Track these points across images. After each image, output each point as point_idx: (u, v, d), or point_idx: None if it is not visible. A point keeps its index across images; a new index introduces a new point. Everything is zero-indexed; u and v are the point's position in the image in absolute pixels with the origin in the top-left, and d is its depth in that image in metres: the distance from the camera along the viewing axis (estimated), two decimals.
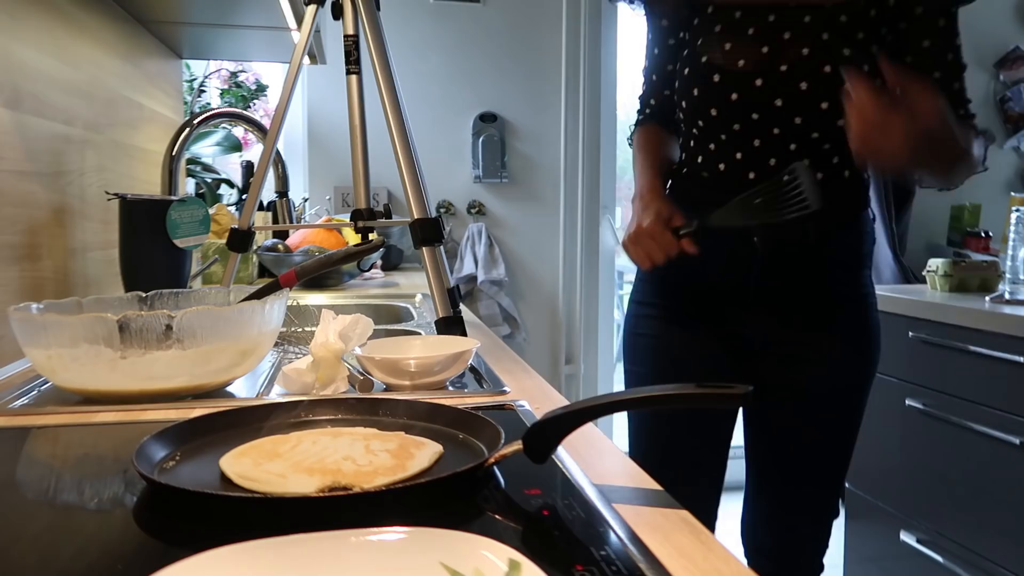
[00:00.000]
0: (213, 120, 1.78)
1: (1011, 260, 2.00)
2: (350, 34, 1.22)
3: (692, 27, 1.19)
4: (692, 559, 0.49)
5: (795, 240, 1.17)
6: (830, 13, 1.10)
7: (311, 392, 0.90)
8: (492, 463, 0.61)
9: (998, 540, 1.87)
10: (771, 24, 1.12)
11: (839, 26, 1.10)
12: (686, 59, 1.19)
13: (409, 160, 1.19)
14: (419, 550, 0.45)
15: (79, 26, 1.38)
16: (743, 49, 1.13)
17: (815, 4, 1.10)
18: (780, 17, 1.11)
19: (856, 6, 1.10)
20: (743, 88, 1.13)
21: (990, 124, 3.14)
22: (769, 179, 1.08)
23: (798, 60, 1.10)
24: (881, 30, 1.12)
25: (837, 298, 1.23)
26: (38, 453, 0.74)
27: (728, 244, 1.19)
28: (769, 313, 1.22)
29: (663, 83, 1.28)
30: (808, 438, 1.28)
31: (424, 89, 2.91)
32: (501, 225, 3.03)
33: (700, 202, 1.17)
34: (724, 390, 0.58)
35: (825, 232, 1.18)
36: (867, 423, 1.32)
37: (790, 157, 1.14)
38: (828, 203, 1.07)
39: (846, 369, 1.25)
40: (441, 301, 1.15)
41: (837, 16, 1.10)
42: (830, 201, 1.10)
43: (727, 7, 1.15)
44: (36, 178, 1.20)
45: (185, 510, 0.55)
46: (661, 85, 1.29)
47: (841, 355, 1.24)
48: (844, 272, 1.23)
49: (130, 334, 0.82)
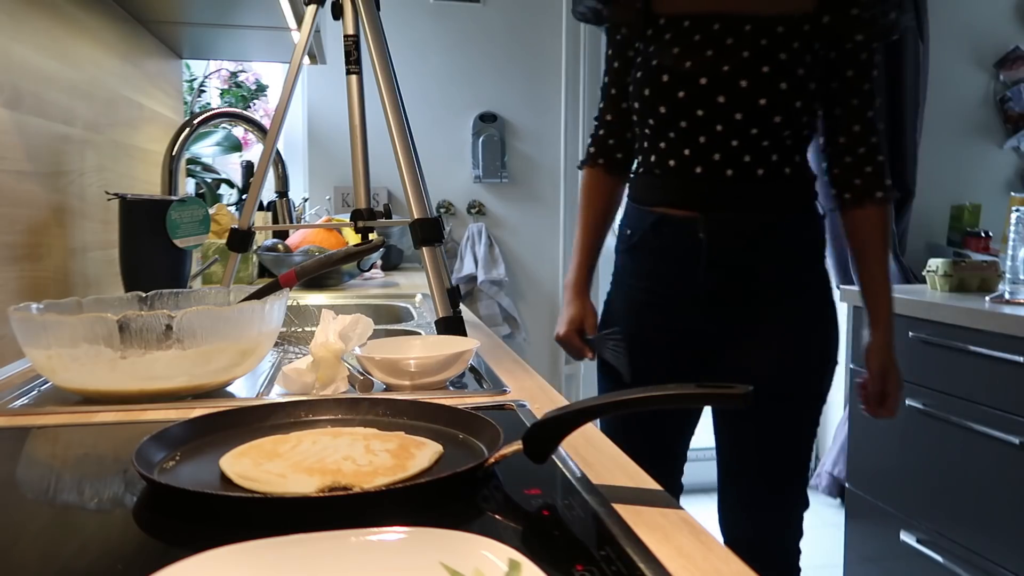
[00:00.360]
0: (213, 120, 1.78)
1: (1011, 260, 2.00)
2: (350, 34, 1.22)
3: (646, 37, 1.30)
4: (692, 559, 0.49)
5: (739, 233, 1.26)
6: (768, 23, 1.22)
7: (311, 392, 0.90)
8: (492, 463, 0.61)
9: (998, 540, 1.87)
10: (716, 31, 1.23)
11: (776, 35, 1.22)
12: (639, 64, 1.30)
13: (409, 160, 1.19)
14: (419, 550, 0.45)
15: (79, 26, 1.38)
16: (690, 52, 1.24)
17: (754, 15, 1.23)
18: (724, 26, 1.23)
19: (792, 20, 1.23)
20: (689, 87, 1.23)
21: (990, 124, 3.14)
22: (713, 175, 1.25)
23: (739, 62, 1.21)
24: (815, 45, 1.24)
25: (787, 290, 1.29)
26: (38, 453, 0.74)
27: (677, 239, 1.28)
28: (719, 305, 1.29)
29: (622, 95, 1.36)
30: (766, 429, 1.32)
31: (424, 89, 2.91)
32: (501, 225, 3.03)
33: (655, 201, 1.31)
34: (724, 390, 0.58)
35: (769, 226, 1.27)
36: (867, 423, 1.33)
37: (733, 153, 1.25)
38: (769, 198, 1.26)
39: (797, 358, 1.30)
40: (441, 301, 1.15)
41: (774, 27, 1.22)
42: (770, 196, 1.26)
43: (677, 17, 1.27)
44: (36, 178, 1.20)
45: (185, 510, 0.55)
46: (620, 98, 1.37)
47: (792, 344, 1.30)
48: (794, 264, 1.30)
49: (130, 334, 0.82)
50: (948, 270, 2.21)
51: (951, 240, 3.06)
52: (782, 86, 1.20)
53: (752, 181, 1.25)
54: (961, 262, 2.26)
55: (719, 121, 1.23)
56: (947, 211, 3.09)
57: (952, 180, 3.10)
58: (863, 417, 2.36)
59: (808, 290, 1.32)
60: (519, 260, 3.05)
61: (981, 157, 3.15)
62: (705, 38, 1.24)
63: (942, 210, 3.08)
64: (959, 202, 3.07)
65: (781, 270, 1.29)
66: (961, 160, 3.12)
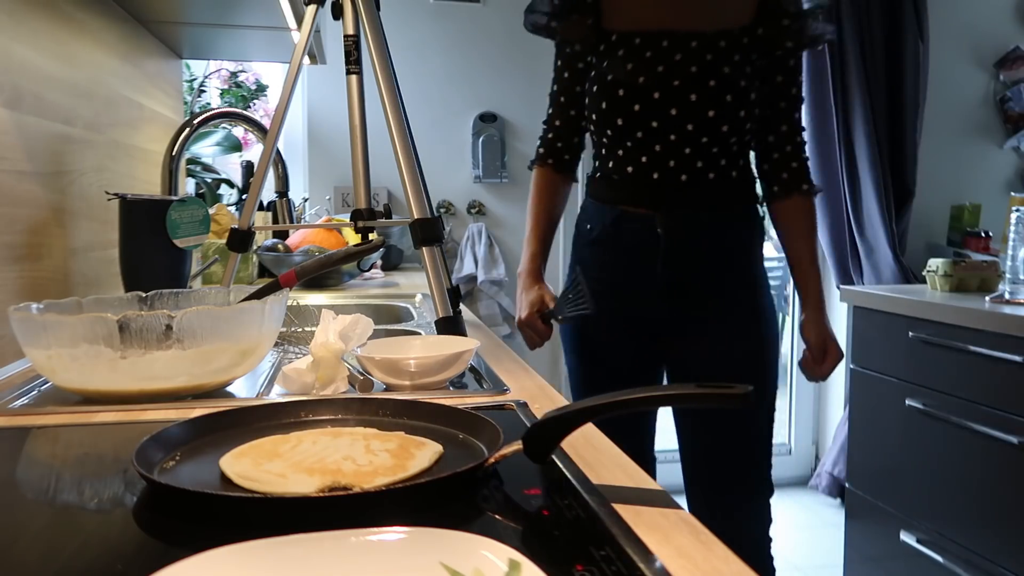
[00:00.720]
0: (213, 120, 1.78)
1: (1011, 260, 2.00)
2: (350, 34, 1.22)
3: (599, 52, 1.40)
4: (692, 559, 0.49)
5: (692, 229, 1.37)
6: (712, 39, 1.33)
7: (311, 392, 0.90)
8: (492, 463, 0.61)
9: (998, 540, 1.87)
10: (665, 48, 1.34)
11: (719, 49, 1.33)
12: (594, 79, 1.39)
13: (409, 160, 1.19)
14: (419, 550, 0.45)
15: (79, 26, 1.38)
16: (642, 68, 1.34)
17: (699, 32, 1.33)
18: (672, 42, 1.33)
19: (732, 34, 1.34)
20: (643, 100, 1.34)
21: (990, 124, 3.14)
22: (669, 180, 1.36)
23: (688, 76, 1.32)
24: (752, 56, 1.36)
25: (732, 282, 1.41)
26: (38, 453, 0.74)
27: (636, 234, 1.39)
28: (675, 297, 1.39)
29: (570, 103, 1.47)
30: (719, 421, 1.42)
31: (424, 89, 2.91)
32: (501, 225, 3.03)
33: (615, 199, 1.41)
34: (723, 390, 0.58)
35: (720, 222, 1.39)
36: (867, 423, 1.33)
37: (686, 160, 1.36)
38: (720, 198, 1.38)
39: (741, 343, 1.42)
40: (441, 301, 1.15)
41: (717, 41, 1.33)
42: (721, 196, 1.38)
43: (628, 34, 1.36)
44: (36, 178, 1.20)
45: (185, 510, 0.55)
46: (568, 105, 1.48)
47: (736, 331, 1.41)
48: (738, 258, 1.42)
49: (130, 334, 0.82)
50: (948, 270, 2.21)
51: (951, 240, 3.06)
52: (727, 98, 1.32)
53: (704, 184, 1.37)
54: (961, 262, 2.26)
55: (672, 131, 1.34)
56: (947, 211, 3.09)
57: (952, 180, 3.10)
58: (863, 417, 2.37)
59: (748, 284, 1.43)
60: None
61: (981, 157, 3.15)
62: (656, 54, 1.33)
63: (942, 210, 3.08)
64: (959, 202, 3.07)
65: (729, 264, 1.40)
66: (961, 160, 3.12)
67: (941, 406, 2.01)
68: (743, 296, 1.42)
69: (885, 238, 2.83)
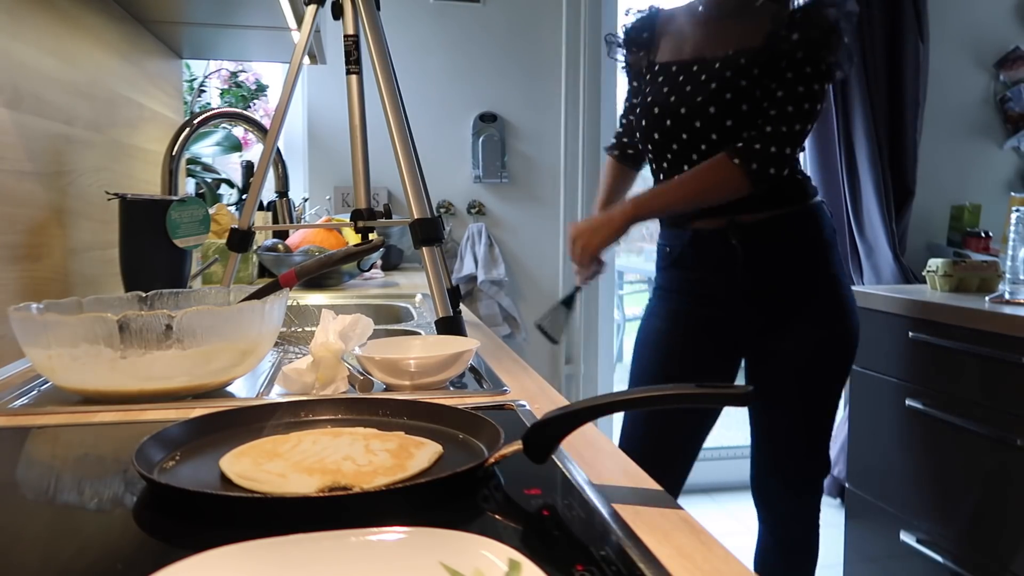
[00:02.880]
0: (213, 120, 1.78)
1: (1011, 260, 2.00)
2: (350, 34, 1.22)
3: (643, 78, 1.65)
4: (692, 559, 0.49)
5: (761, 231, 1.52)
6: (731, 61, 1.51)
7: (311, 392, 0.90)
8: (492, 463, 0.61)
9: (998, 540, 1.87)
10: (694, 72, 1.54)
11: (739, 67, 1.50)
12: (638, 101, 1.64)
13: (409, 160, 1.19)
14: (419, 550, 0.45)
15: (79, 26, 1.38)
16: (675, 90, 1.55)
17: (721, 58, 1.52)
18: (700, 68, 1.54)
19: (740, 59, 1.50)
20: (674, 116, 1.55)
21: (990, 124, 3.14)
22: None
23: (709, 93, 1.51)
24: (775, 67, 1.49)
25: (810, 276, 1.54)
26: (38, 453, 0.74)
27: (713, 250, 1.55)
28: (758, 299, 1.54)
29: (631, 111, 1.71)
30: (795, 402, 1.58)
31: (424, 89, 2.91)
32: (501, 225, 3.03)
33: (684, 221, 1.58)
34: (723, 390, 0.58)
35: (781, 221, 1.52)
36: (867, 423, 1.34)
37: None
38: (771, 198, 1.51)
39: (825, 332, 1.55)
40: (441, 301, 1.15)
41: (737, 62, 1.51)
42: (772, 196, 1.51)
43: (666, 64, 1.61)
44: (36, 178, 1.20)
45: (185, 510, 0.55)
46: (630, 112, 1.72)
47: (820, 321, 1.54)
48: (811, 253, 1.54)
49: (130, 334, 0.82)
50: (948, 270, 2.21)
51: (951, 240, 3.06)
52: (743, 107, 1.49)
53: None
54: (961, 262, 2.26)
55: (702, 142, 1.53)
56: (947, 211, 3.09)
57: (952, 180, 3.10)
58: (863, 417, 2.37)
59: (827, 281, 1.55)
60: (519, 260, 3.05)
61: (981, 157, 3.15)
62: (687, 78, 1.55)
63: (942, 210, 3.09)
64: (959, 202, 3.07)
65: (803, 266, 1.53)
66: (961, 160, 3.12)
67: (941, 406, 2.01)
68: (823, 288, 1.54)
69: (885, 238, 2.83)
